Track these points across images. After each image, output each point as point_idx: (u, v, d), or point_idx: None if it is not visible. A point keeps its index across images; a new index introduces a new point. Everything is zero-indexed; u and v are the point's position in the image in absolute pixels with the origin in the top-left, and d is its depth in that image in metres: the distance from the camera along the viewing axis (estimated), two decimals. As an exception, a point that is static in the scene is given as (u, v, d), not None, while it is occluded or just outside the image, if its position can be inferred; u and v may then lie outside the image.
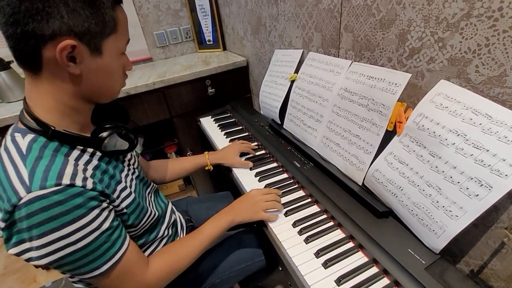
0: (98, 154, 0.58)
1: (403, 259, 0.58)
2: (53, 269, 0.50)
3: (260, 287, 1.30)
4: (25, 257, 0.47)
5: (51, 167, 0.46)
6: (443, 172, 0.56)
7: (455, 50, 0.56)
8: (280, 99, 1.04)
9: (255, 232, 0.89)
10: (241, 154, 1.04)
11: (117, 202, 0.56)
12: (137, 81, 1.41)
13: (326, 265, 0.62)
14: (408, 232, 0.64)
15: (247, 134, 1.22)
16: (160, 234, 0.71)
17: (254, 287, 1.22)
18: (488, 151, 0.50)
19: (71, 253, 0.47)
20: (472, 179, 0.51)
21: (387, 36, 0.70)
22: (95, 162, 0.56)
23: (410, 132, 0.62)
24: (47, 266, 0.49)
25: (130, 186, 0.63)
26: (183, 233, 0.84)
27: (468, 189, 0.52)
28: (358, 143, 0.74)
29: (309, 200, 0.81)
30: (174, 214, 0.83)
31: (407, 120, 0.63)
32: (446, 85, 0.58)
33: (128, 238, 0.57)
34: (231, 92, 1.62)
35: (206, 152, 1.03)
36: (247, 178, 0.94)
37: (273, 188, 0.86)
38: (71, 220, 0.46)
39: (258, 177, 0.92)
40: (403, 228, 0.65)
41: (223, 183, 1.39)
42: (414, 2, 0.61)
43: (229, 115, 1.42)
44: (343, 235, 0.69)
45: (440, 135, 0.56)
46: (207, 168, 1.01)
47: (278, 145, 1.04)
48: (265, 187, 0.88)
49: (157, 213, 0.70)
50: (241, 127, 1.28)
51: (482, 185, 0.50)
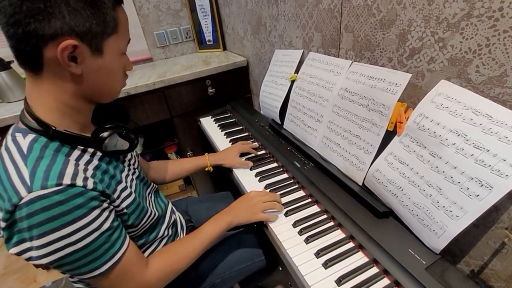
0: (99, 154, 0.58)
1: (404, 259, 0.58)
2: (53, 268, 0.50)
3: (260, 287, 1.30)
4: (25, 256, 0.47)
5: (52, 167, 0.47)
6: (443, 172, 0.56)
7: (455, 50, 0.56)
8: (280, 99, 1.04)
9: (255, 232, 0.89)
10: (242, 154, 1.04)
11: (117, 202, 0.56)
12: (137, 81, 1.41)
13: (326, 265, 0.62)
14: (408, 232, 0.64)
15: (247, 134, 1.22)
16: (160, 234, 0.71)
17: (254, 287, 1.22)
18: (488, 151, 0.50)
19: (71, 253, 0.47)
20: (472, 179, 0.51)
21: (387, 36, 0.70)
22: (95, 162, 0.56)
23: (411, 132, 0.62)
24: (47, 266, 0.49)
25: (131, 186, 0.63)
26: (183, 233, 0.84)
27: (468, 189, 0.52)
28: (358, 143, 0.74)
29: (309, 200, 0.81)
30: (174, 214, 0.83)
31: (407, 120, 0.63)
32: (447, 85, 0.58)
33: (128, 238, 0.57)
34: (231, 92, 1.62)
35: (206, 153, 1.03)
36: (247, 178, 0.94)
37: (273, 188, 0.87)
38: (71, 220, 0.46)
39: (258, 177, 0.92)
40: (403, 228, 0.65)
41: (223, 183, 1.39)
42: (415, 2, 0.61)
43: (229, 115, 1.42)
44: (343, 235, 0.69)
45: (440, 135, 0.56)
46: (207, 169, 1.01)
47: (278, 145, 1.04)
48: (265, 187, 0.88)
49: (157, 213, 0.70)
50: (241, 127, 1.28)
51: (482, 185, 0.50)
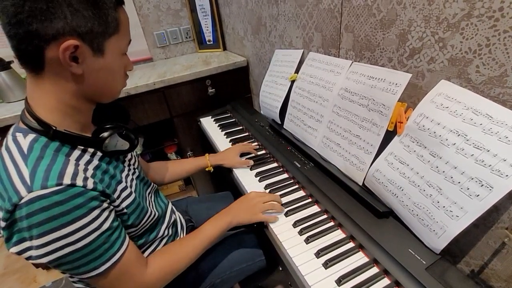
0: (99, 154, 0.58)
1: (404, 259, 0.58)
2: (52, 268, 0.50)
3: (260, 287, 1.30)
4: (25, 255, 0.47)
5: (52, 167, 0.47)
6: (443, 172, 0.56)
7: (455, 50, 0.56)
8: (280, 99, 1.04)
9: (256, 232, 0.89)
10: (243, 154, 1.04)
11: (117, 202, 0.56)
12: (137, 81, 1.41)
13: (326, 265, 0.62)
14: (408, 232, 0.64)
15: (247, 134, 1.22)
16: (160, 234, 0.71)
17: (255, 287, 1.22)
18: (488, 151, 0.50)
19: (70, 253, 0.47)
20: (472, 179, 0.51)
21: (387, 36, 0.70)
22: (95, 162, 0.56)
23: (411, 132, 0.62)
24: (47, 266, 0.49)
25: (131, 186, 0.63)
26: (183, 233, 0.84)
27: (468, 189, 0.52)
28: (358, 143, 0.74)
29: (309, 200, 0.81)
30: (174, 214, 0.83)
31: (407, 120, 0.63)
32: (447, 85, 0.58)
33: (127, 238, 0.57)
34: (231, 92, 1.62)
35: (207, 154, 1.03)
36: (247, 178, 0.94)
37: (273, 188, 0.87)
38: (71, 220, 0.46)
39: (259, 177, 0.92)
40: (403, 228, 0.65)
41: (223, 183, 1.39)
42: (415, 2, 0.61)
43: (229, 115, 1.42)
44: (343, 235, 0.69)
45: (440, 135, 0.56)
46: (207, 169, 1.01)
47: (278, 145, 1.04)
48: (265, 187, 0.88)
49: (157, 213, 0.70)
50: (241, 127, 1.28)
51: (482, 185, 0.50)
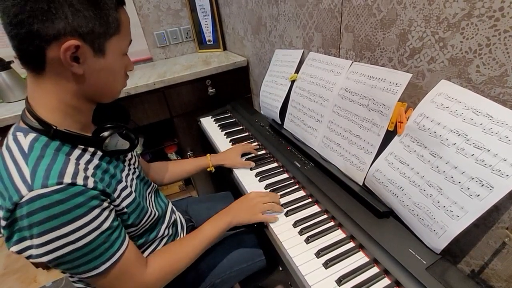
0: (99, 153, 0.58)
1: (404, 259, 0.58)
2: (52, 267, 0.50)
3: (260, 287, 1.30)
4: (25, 254, 0.47)
5: (53, 166, 0.47)
6: (444, 172, 0.56)
7: (456, 50, 0.56)
8: (280, 99, 1.04)
9: (256, 232, 0.89)
10: (243, 154, 1.04)
11: (117, 201, 0.56)
12: (137, 81, 1.41)
13: (326, 265, 0.62)
14: (408, 232, 0.64)
15: (247, 134, 1.22)
16: (160, 234, 0.71)
17: (255, 287, 1.22)
18: (489, 151, 0.50)
19: (70, 252, 0.47)
20: (473, 179, 0.51)
21: (387, 36, 0.70)
22: (96, 161, 0.56)
23: (411, 132, 0.62)
24: (47, 265, 0.49)
25: (131, 186, 0.63)
26: (183, 233, 0.84)
27: (469, 189, 0.52)
28: (358, 143, 0.74)
29: (309, 200, 0.81)
30: (174, 214, 0.83)
31: (407, 120, 0.63)
32: (447, 85, 0.58)
33: (127, 238, 0.57)
34: (231, 92, 1.62)
35: (208, 154, 1.03)
36: (247, 178, 0.94)
37: (274, 188, 0.87)
38: (71, 219, 0.46)
39: (259, 177, 0.92)
40: (403, 228, 0.65)
41: (223, 183, 1.39)
42: (415, 2, 0.61)
43: (229, 115, 1.42)
44: (343, 235, 0.69)
45: (441, 135, 0.56)
46: (208, 169, 1.01)
47: (279, 145, 1.04)
48: (265, 187, 0.88)
49: (157, 213, 0.70)
50: (241, 127, 1.28)
51: (483, 185, 0.50)
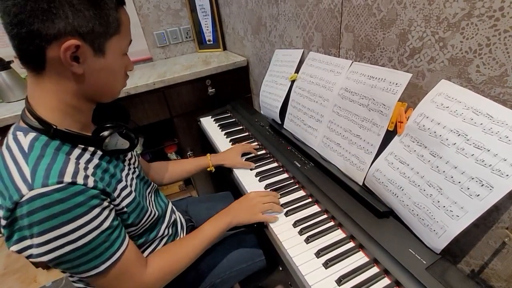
0: (99, 153, 0.58)
1: (404, 259, 0.58)
2: (52, 267, 0.50)
3: (260, 287, 1.30)
4: (25, 254, 0.47)
5: (53, 165, 0.47)
6: (444, 172, 0.56)
7: (456, 50, 0.56)
8: (280, 99, 1.04)
9: (256, 232, 0.89)
10: (243, 154, 1.04)
11: (117, 201, 0.56)
12: (137, 81, 1.41)
13: (326, 265, 0.62)
14: (408, 232, 0.64)
15: (247, 134, 1.22)
16: (160, 234, 0.71)
17: (255, 287, 1.22)
18: (489, 151, 0.50)
19: (70, 251, 0.47)
20: (473, 179, 0.51)
21: (387, 36, 0.70)
22: (96, 161, 0.56)
23: (411, 132, 0.62)
24: (47, 265, 0.49)
25: (131, 185, 0.63)
26: (183, 233, 0.84)
27: (469, 189, 0.52)
28: (358, 143, 0.74)
29: (309, 200, 0.81)
30: (174, 214, 0.83)
31: (407, 120, 0.63)
32: (447, 85, 0.58)
33: (127, 238, 0.57)
34: (231, 92, 1.62)
35: (208, 154, 1.03)
36: (247, 178, 0.94)
37: (274, 188, 0.87)
38: (72, 218, 0.46)
39: (259, 177, 0.92)
40: (403, 228, 0.65)
41: (223, 183, 1.39)
42: (415, 2, 0.61)
43: (229, 115, 1.42)
44: (343, 235, 0.69)
45: (441, 135, 0.56)
46: (209, 169, 1.01)
47: (279, 145, 1.04)
48: (265, 187, 0.88)
49: (157, 212, 0.70)
50: (241, 127, 1.28)
51: (483, 185, 0.50)
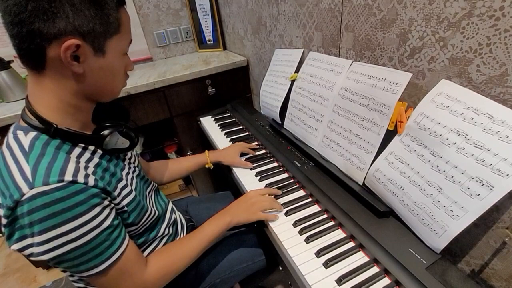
0: (99, 152, 0.58)
1: (404, 259, 0.58)
2: (53, 266, 0.50)
3: (260, 287, 1.30)
4: (26, 253, 0.47)
5: (54, 164, 0.47)
6: (444, 171, 0.55)
7: (456, 49, 0.56)
8: (280, 98, 1.03)
9: (256, 232, 0.89)
10: (242, 154, 1.04)
11: (118, 200, 0.56)
12: (137, 80, 1.41)
13: (326, 265, 0.62)
14: (409, 232, 0.64)
15: (247, 133, 1.21)
16: (161, 233, 0.71)
17: (255, 286, 1.22)
18: (489, 150, 0.50)
19: (71, 250, 0.47)
20: (473, 178, 0.51)
21: (388, 36, 0.70)
22: (96, 160, 0.56)
23: (411, 132, 0.62)
24: (47, 264, 0.49)
25: (131, 184, 0.63)
26: (183, 232, 0.84)
27: (469, 188, 0.52)
28: (358, 143, 0.74)
29: (309, 199, 0.81)
30: (175, 213, 0.83)
31: (408, 120, 0.63)
32: (447, 84, 0.58)
33: (127, 237, 0.57)
34: (231, 91, 1.62)
35: (206, 151, 1.03)
36: (247, 177, 0.94)
37: (273, 188, 0.86)
38: (72, 217, 0.46)
39: (259, 177, 0.92)
40: (404, 227, 0.65)
41: (223, 183, 1.39)
42: (415, 2, 0.60)
43: (229, 114, 1.41)
44: (343, 235, 0.69)
45: (441, 135, 0.56)
46: (207, 166, 1.01)
47: (279, 145, 1.04)
48: (265, 186, 0.88)
49: (157, 212, 0.70)
50: (241, 127, 1.28)
51: (483, 184, 0.50)
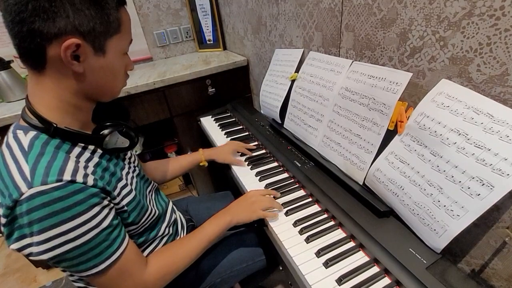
0: (99, 151, 0.58)
1: (404, 259, 0.58)
2: (52, 265, 0.50)
3: (260, 287, 1.30)
4: (25, 252, 0.47)
5: (53, 164, 0.47)
6: (444, 171, 0.55)
7: (456, 49, 0.56)
8: (280, 98, 1.03)
9: (256, 232, 0.89)
10: (243, 155, 1.04)
11: (117, 199, 0.56)
12: (137, 80, 1.41)
13: (327, 264, 0.62)
14: (409, 232, 0.64)
15: (247, 133, 1.21)
16: (161, 233, 0.71)
17: (255, 286, 1.22)
18: (489, 150, 0.50)
19: (70, 250, 0.47)
20: (473, 178, 0.51)
21: (388, 35, 0.70)
22: (96, 159, 0.56)
23: (411, 132, 0.62)
24: (47, 264, 0.49)
25: (131, 184, 0.63)
26: (183, 232, 0.84)
27: (469, 188, 0.52)
28: (359, 143, 0.74)
29: (309, 199, 0.81)
30: (175, 213, 0.83)
31: (408, 120, 0.63)
32: (447, 84, 0.58)
33: (127, 237, 0.57)
34: (231, 91, 1.62)
35: (201, 149, 1.03)
36: (247, 177, 0.94)
37: (274, 187, 0.86)
38: (71, 216, 0.46)
39: (259, 177, 0.92)
40: (404, 227, 0.65)
41: (223, 182, 1.39)
42: (416, 1, 0.60)
43: (229, 114, 1.41)
44: (344, 235, 0.69)
45: (441, 135, 0.56)
46: (201, 164, 1.01)
47: (279, 145, 1.04)
48: (265, 186, 0.88)
49: (157, 211, 0.70)
50: (241, 127, 1.28)
51: (483, 184, 0.50)
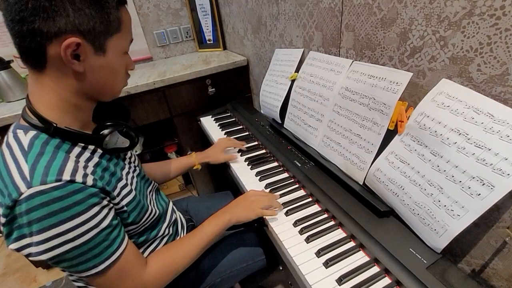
0: (99, 151, 0.58)
1: (404, 259, 0.58)
2: (52, 265, 0.50)
3: (260, 287, 1.30)
4: (25, 252, 0.47)
5: (52, 163, 0.47)
6: (444, 171, 0.55)
7: (456, 48, 0.56)
8: (280, 98, 1.03)
9: (256, 232, 0.89)
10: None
11: (117, 199, 0.56)
12: (137, 80, 1.41)
13: (327, 264, 0.62)
14: (409, 232, 0.64)
15: (247, 133, 1.21)
16: (161, 233, 0.71)
17: (255, 286, 1.22)
18: (490, 150, 0.50)
19: (69, 250, 0.47)
20: (474, 178, 0.51)
21: (388, 35, 0.69)
22: (96, 159, 0.56)
23: (412, 131, 0.62)
24: (47, 264, 0.49)
25: (131, 184, 0.63)
26: (183, 232, 0.84)
27: (470, 188, 0.52)
28: (359, 142, 0.73)
29: (309, 199, 0.81)
30: (175, 213, 0.83)
31: (408, 119, 0.63)
32: (448, 84, 0.58)
33: (126, 238, 0.57)
34: (231, 91, 1.62)
35: (193, 152, 1.03)
36: (247, 177, 0.93)
37: (274, 187, 0.86)
38: (70, 216, 0.46)
39: (259, 177, 0.92)
40: (404, 227, 0.65)
41: (223, 182, 1.39)
42: (416, 1, 0.60)
43: (229, 114, 1.41)
44: (344, 235, 0.69)
45: (441, 134, 0.56)
46: (195, 168, 1.01)
47: (279, 145, 1.04)
48: (265, 186, 0.88)
49: (157, 211, 0.70)
50: (241, 127, 1.28)
51: (484, 184, 0.50)
